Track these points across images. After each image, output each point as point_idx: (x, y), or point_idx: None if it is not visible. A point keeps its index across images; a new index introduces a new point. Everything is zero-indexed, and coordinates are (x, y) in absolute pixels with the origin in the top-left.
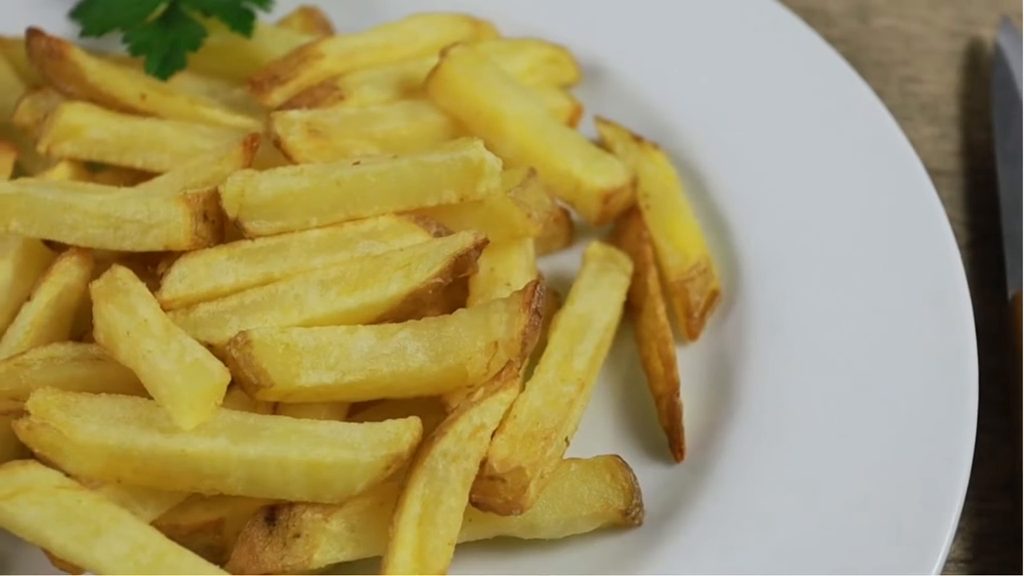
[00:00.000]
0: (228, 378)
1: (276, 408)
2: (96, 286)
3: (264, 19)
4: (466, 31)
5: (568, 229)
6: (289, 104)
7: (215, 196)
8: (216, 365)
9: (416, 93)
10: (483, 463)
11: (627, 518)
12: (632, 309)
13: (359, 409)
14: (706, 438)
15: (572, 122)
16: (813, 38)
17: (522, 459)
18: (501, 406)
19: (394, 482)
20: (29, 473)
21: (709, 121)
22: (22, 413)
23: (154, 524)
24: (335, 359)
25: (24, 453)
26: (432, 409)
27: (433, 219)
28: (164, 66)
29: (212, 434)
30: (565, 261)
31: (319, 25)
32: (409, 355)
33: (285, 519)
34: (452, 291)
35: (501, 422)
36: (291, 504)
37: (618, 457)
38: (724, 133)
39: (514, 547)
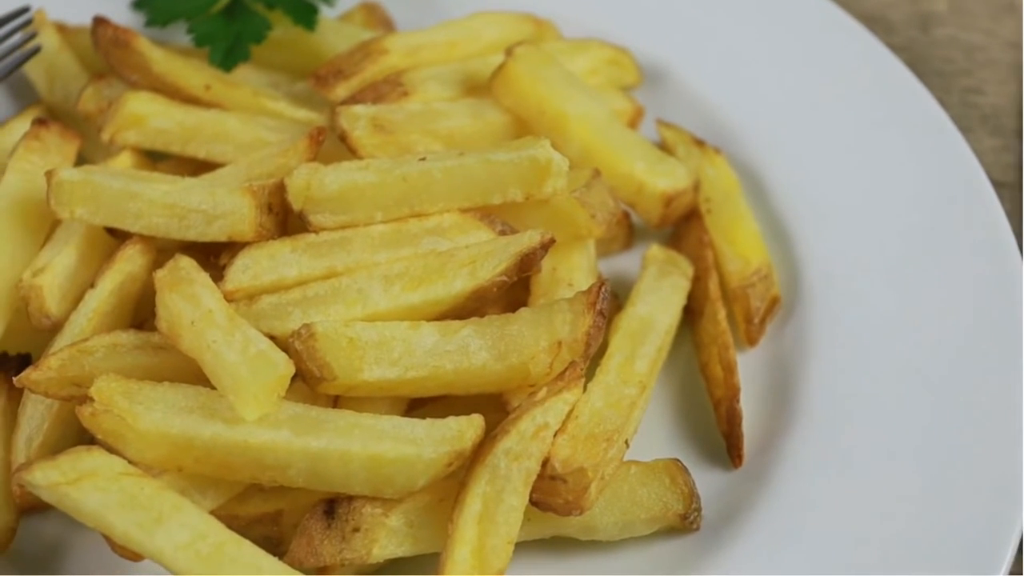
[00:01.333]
0: (292, 370)
1: (336, 401)
2: (160, 275)
3: (327, 14)
4: (528, 30)
5: (628, 231)
6: (353, 99)
7: (280, 188)
8: (281, 357)
9: (479, 91)
10: (545, 463)
11: (685, 522)
12: (691, 313)
13: (417, 405)
14: (764, 445)
15: (632, 124)
16: (878, 46)
17: (584, 460)
18: (565, 406)
19: (454, 479)
20: (93, 459)
21: (770, 127)
22: (85, 399)
23: (213, 514)
24: (398, 354)
25: (83, 439)
26: (491, 407)
27: (498, 217)
28: (228, 57)
29: (275, 426)
30: (624, 263)
31: (380, 21)
32: (472, 352)
33: (344, 513)
34: (512, 290)
35: (563, 422)
36: (350, 498)
37: (678, 461)
38: (785, 139)
39: (570, 548)
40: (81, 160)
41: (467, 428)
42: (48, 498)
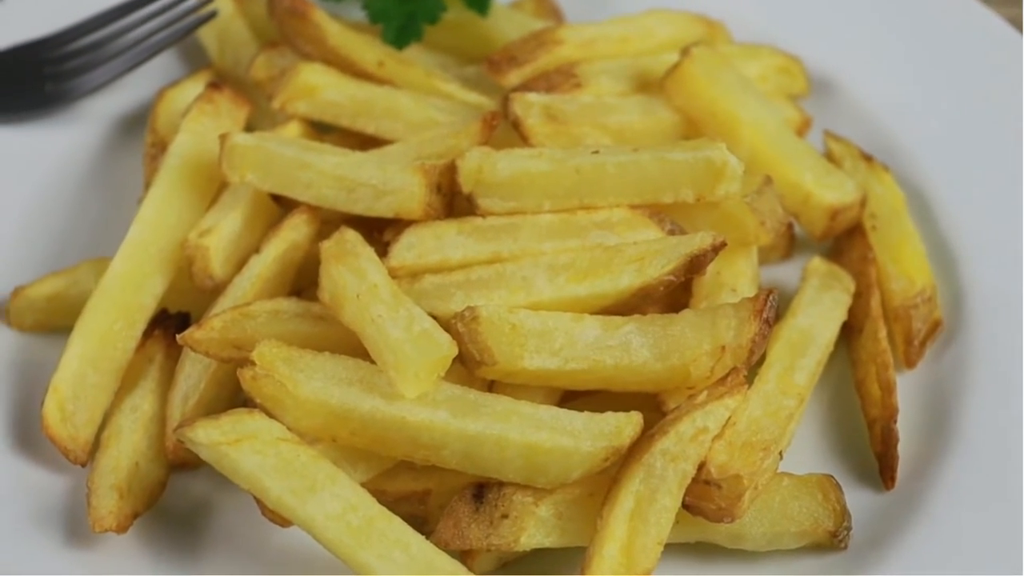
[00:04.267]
0: (455, 351)
1: (491, 386)
2: (327, 246)
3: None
4: (701, 31)
5: (789, 241)
6: (525, 86)
7: (451, 169)
8: (444, 337)
9: (649, 88)
10: (701, 467)
11: (834, 540)
12: (849, 329)
13: (568, 398)
14: (917, 468)
15: (799, 135)
16: None
17: (740, 467)
18: (726, 411)
19: (605, 474)
20: (254, 422)
21: (940, 147)
22: (245, 362)
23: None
24: (560, 345)
25: (235, 402)
26: (643, 406)
27: (667, 216)
28: (400, 36)
29: (433, 405)
30: (780, 273)
31: (549, 11)
32: (634, 349)
33: (494, 498)
34: (672, 290)
35: (721, 428)
36: (500, 484)
37: (831, 477)
38: (953, 159)
39: (713, 554)
40: (246, 127)
41: (625, 425)
42: (207, 456)
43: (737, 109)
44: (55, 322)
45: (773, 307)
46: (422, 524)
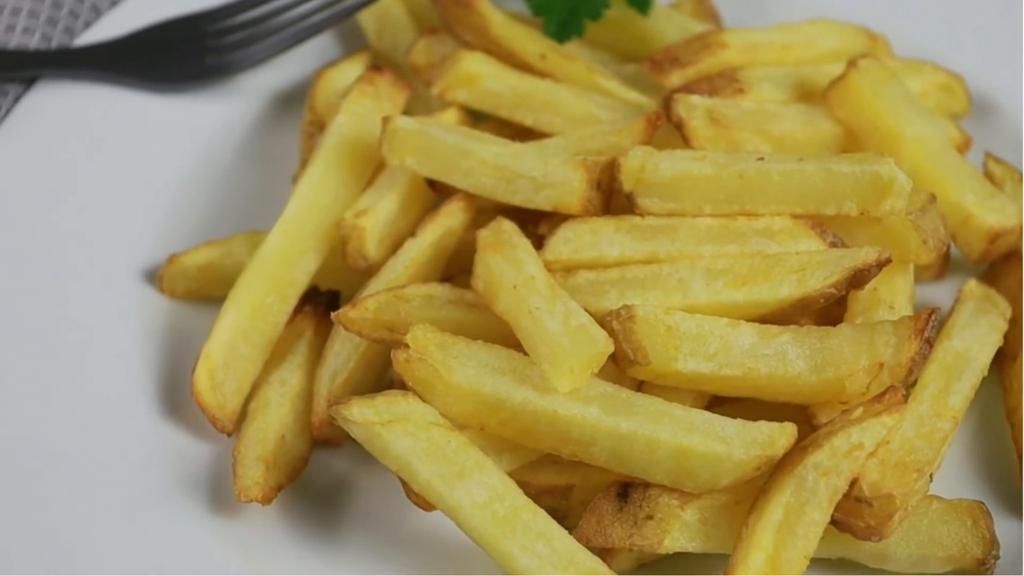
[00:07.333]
0: (611, 348)
1: (640, 386)
2: (484, 235)
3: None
4: (863, 44)
5: (944, 262)
6: (686, 88)
7: (612, 167)
8: (601, 334)
9: (810, 98)
10: (853, 483)
11: (982, 568)
12: (1002, 356)
13: (714, 403)
14: None
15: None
16: None
17: (893, 487)
18: (882, 429)
19: (753, 483)
20: (408, 404)
21: None
22: (396, 344)
23: None
24: (715, 350)
25: (380, 384)
26: (789, 417)
27: (829, 228)
28: (562, 30)
29: (585, 401)
30: (931, 293)
31: (708, 13)
32: (789, 360)
33: (639, 498)
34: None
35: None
36: (646, 484)
37: (982, 504)
38: None
39: (854, 573)
40: (403, 111)
41: (779, 435)
42: (358, 435)
43: (901, 124)
44: (206, 291)
45: (935, 327)
46: (562, 519)
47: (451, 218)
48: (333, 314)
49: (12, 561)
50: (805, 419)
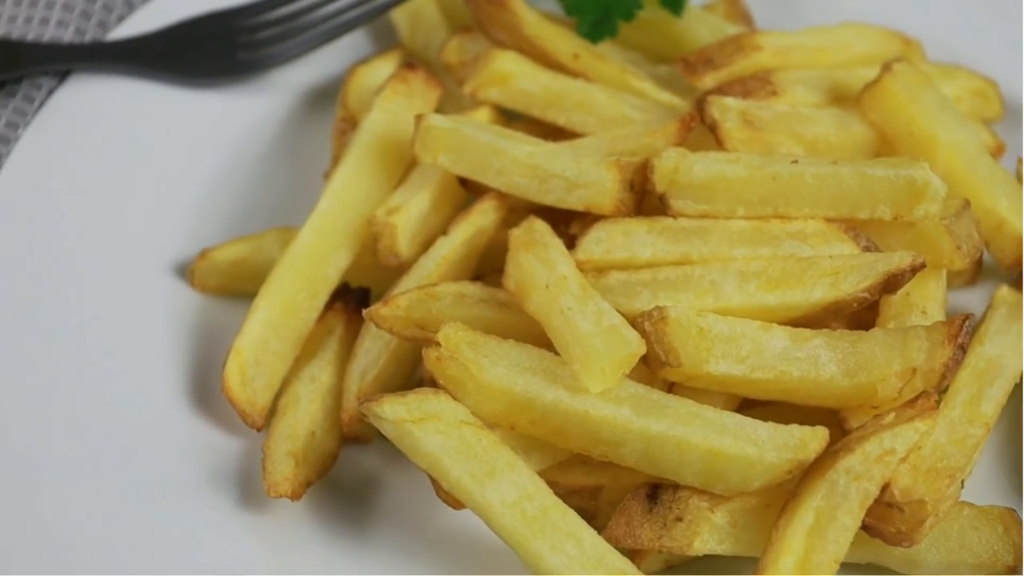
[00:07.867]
0: (644, 349)
1: (671, 388)
2: (516, 234)
3: (691, 1)
4: (897, 48)
5: (977, 268)
6: (720, 90)
7: (645, 167)
8: (634, 334)
9: (843, 101)
10: (884, 488)
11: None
12: None
13: (745, 406)
14: None
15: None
16: None
17: (924, 492)
18: (915, 435)
19: (783, 487)
20: (439, 402)
21: None
22: (430, 342)
23: None
24: (746, 353)
25: (410, 382)
26: (820, 421)
27: (863, 232)
28: (595, 30)
29: (616, 402)
30: (962, 298)
31: (741, 15)
32: (821, 364)
33: (669, 500)
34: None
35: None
36: (676, 486)
37: (1013, 511)
38: None
39: None
40: (435, 109)
41: (811, 439)
42: (389, 432)
43: (935, 129)
44: (237, 286)
45: (968, 333)
46: (591, 519)
47: (483, 217)
48: (364, 311)
49: (41, 556)
50: (836, 423)
